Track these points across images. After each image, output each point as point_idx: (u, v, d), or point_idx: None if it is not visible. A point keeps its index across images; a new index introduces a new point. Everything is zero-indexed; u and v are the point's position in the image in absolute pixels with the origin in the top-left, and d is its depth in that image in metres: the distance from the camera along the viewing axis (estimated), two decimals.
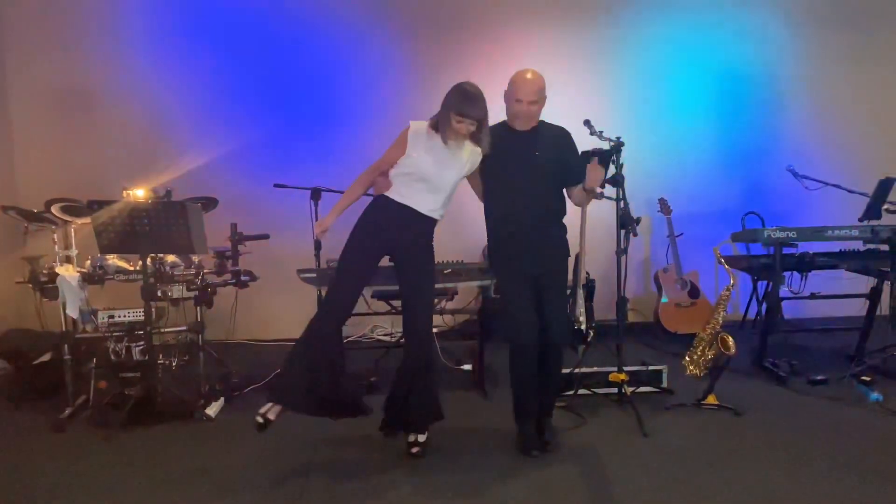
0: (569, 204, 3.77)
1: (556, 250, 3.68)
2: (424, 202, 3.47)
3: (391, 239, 3.48)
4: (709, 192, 6.23)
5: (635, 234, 3.93)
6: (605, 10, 6.10)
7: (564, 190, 3.71)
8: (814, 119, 6.27)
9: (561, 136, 3.67)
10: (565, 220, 3.74)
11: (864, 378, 4.43)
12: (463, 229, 5.26)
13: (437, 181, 3.46)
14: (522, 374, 3.61)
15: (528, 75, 3.54)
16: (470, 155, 3.54)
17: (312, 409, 3.50)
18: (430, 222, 3.54)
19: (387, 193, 3.50)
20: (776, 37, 6.20)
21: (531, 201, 3.56)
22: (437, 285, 3.77)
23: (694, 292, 5.73)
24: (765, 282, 5.52)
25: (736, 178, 6.26)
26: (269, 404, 3.45)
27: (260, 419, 3.41)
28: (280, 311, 5.86)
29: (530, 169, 3.56)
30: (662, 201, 5.83)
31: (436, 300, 4.39)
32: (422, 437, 3.60)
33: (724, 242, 5.43)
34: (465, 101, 3.36)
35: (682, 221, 5.86)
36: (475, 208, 3.82)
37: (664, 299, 5.75)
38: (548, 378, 3.68)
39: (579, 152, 3.68)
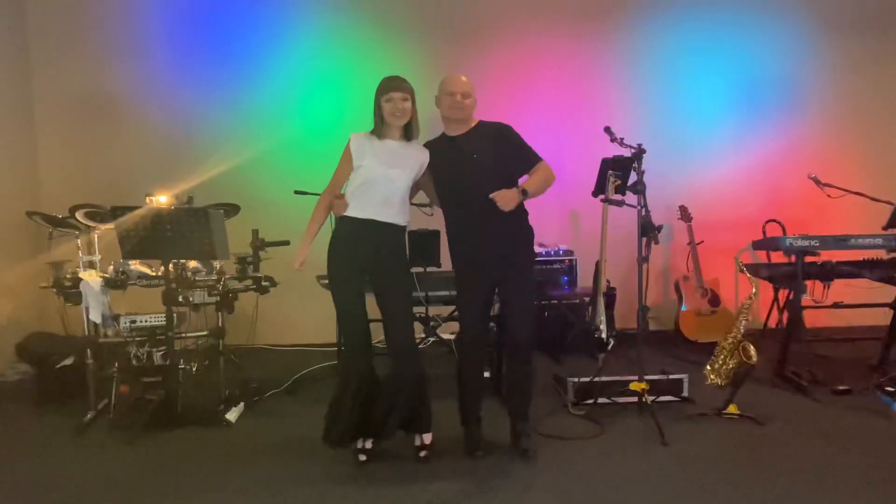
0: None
1: (515, 251, 3.59)
2: (383, 211, 3.47)
3: (363, 256, 3.48)
4: (729, 199, 6.19)
5: (657, 242, 3.93)
6: (626, 18, 6.10)
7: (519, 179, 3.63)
8: (835, 126, 6.23)
9: (498, 130, 3.60)
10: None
11: (887, 388, 4.37)
12: None
13: (389, 184, 3.46)
14: (464, 377, 3.67)
15: (457, 74, 3.56)
16: (417, 155, 3.56)
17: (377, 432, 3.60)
18: (395, 231, 3.54)
19: (346, 214, 3.50)
20: (797, 43, 6.17)
21: (479, 205, 3.44)
22: (453, 292, 3.77)
23: (714, 300, 5.70)
24: (786, 290, 5.47)
25: (757, 186, 6.22)
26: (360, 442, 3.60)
27: (362, 457, 3.57)
28: (300, 316, 5.89)
29: (472, 172, 3.51)
30: (683, 208, 5.80)
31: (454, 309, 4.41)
32: (427, 439, 3.64)
33: (745, 250, 5.40)
34: (385, 81, 3.47)
35: (702, 229, 5.82)
36: None
37: (684, 307, 5.71)
38: (513, 383, 3.69)
39: (522, 141, 3.58)
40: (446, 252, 3.75)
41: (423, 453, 3.60)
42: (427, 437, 3.64)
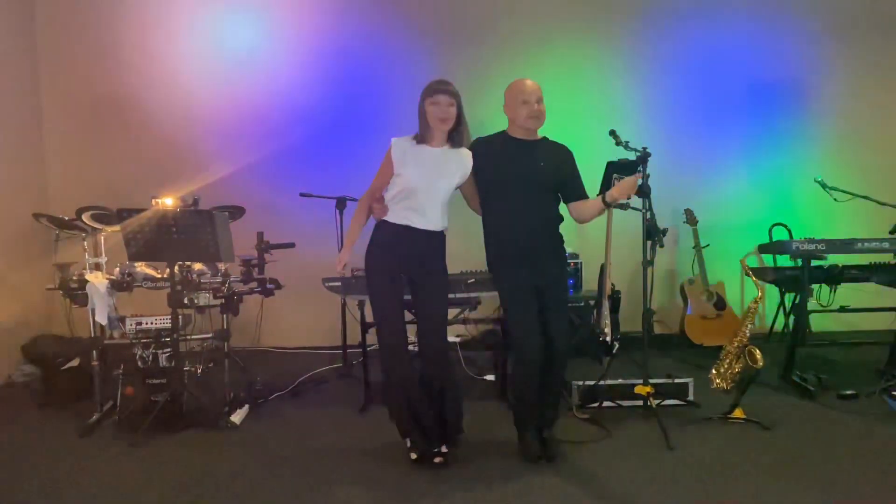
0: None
1: (557, 261, 3.68)
2: (423, 218, 3.46)
3: (401, 260, 3.48)
4: (735, 202, 6.17)
5: (661, 246, 3.92)
6: (631, 22, 6.09)
7: (567, 205, 3.71)
8: (842, 129, 6.20)
9: (564, 152, 3.69)
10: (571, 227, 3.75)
11: (894, 393, 4.36)
12: None
13: (431, 192, 3.44)
14: (524, 389, 3.61)
15: (528, 80, 3.57)
16: (460, 161, 3.53)
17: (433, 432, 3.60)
18: (434, 237, 3.52)
19: (386, 218, 3.49)
20: (804, 46, 6.15)
21: (533, 211, 3.53)
22: (460, 295, 3.76)
23: (720, 304, 5.68)
24: (792, 294, 5.45)
25: (763, 189, 6.19)
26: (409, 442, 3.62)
27: (413, 455, 3.57)
28: (305, 319, 5.90)
29: (533, 179, 3.53)
30: (688, 212, 5.79)
31: (459, 310, 4.41)
32: (445, 447, 3.61)
33: (751, 254, 5.39)
34: (431, 84, 3.43)
35: (708, 232, 5.81)
36: None
37: (690, 311, 5.70)
38: (550, 390, 3.67)
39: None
40: (464, 254, 3.71)
41: (437, 459, 3.57)
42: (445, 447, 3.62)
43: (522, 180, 3.54)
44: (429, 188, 3.44)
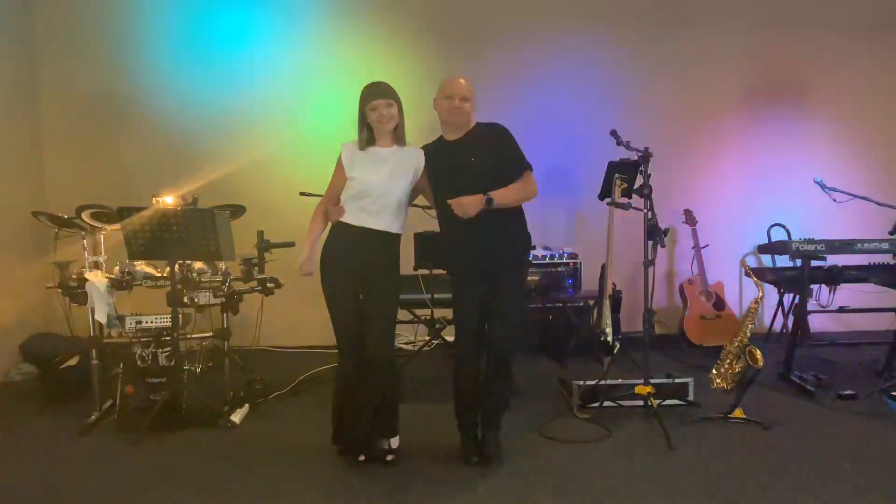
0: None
1: (505, 257, 3.54)
2: (378, 220, 3.45)
3: (352, 261, 3.47)
4: (735, 203, 6.19)
5: (663, 246, 3.92)
6: (632, 22, 6.09)
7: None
8: (842, 130, 6.22)
9: (495, 132, 3.55)
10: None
11: (893, 393, 4.37)
12: None
13: (385, 194, 3.43)
14: (460, 388, 3.63)
15: (456, 76, 3.50)
16: (412, 159, 3.52)
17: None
18: (387, 239, 3.50)
19: (342, 220, 3.48)
20: (803, 47, 6.17)
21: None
22: (448, 295, 3.76)
23: (719, 304, 5.68)
24: (791, 294, 5.46)
25: (762, 190, 6.20)
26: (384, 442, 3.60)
27: (389, 457, 3.56)
28: (305, 318, 5.86)
29: (469, 177, 3.44)
30: (688, 212, 5.79)
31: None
32: (395, 443, 3.62)
33: (750, 254, 5.40)
34: (367, 90, 3.43)
35: (707, 233, 5.81)
36: None
37: (689, 311, 5.70)
38: (489, 393, 3.63)
39: (514, 147, 3.52)
40: None
41: (389, 457, 3.57)
42: (394, 441, 3.61)
43: (459, 182, 3.45)
44: (383, 190, 3.43)
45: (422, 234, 4.81)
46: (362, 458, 3.56)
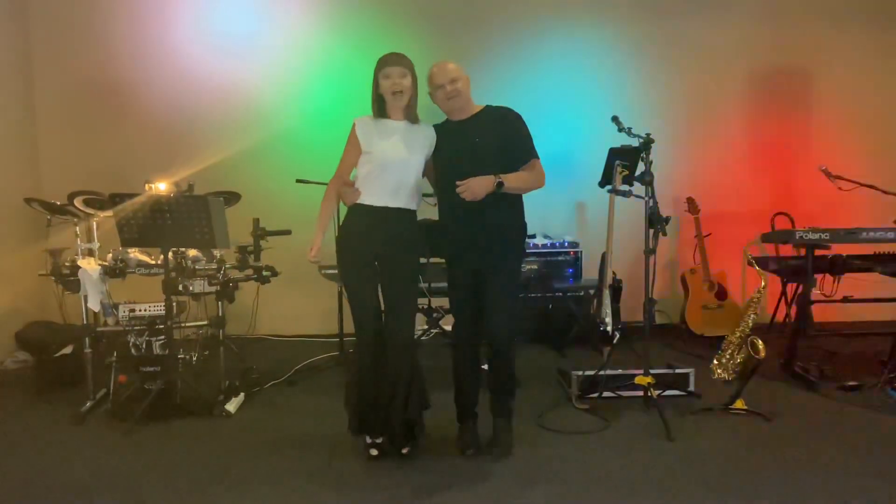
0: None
1: (499, 243, 3.46)
2: (397, 197, 3.37)
3: (374, 244, 3.37)
4: (737, 191, 6.12)
5: (664, 234, 3.87)
6: (634, 7, 6.01)
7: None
8: (846, 117, 6.14)
9: (503, 116, 3.48)
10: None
11: None
12: None
13: (403, 167, 3.36)
14: (458, 371, 3.61)
15: (439, 63, 3.44)
16: (425, 135, 3.46)
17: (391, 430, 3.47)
18: (408, 216, 3.43)
19: (359, 201, 3.39)
20: (807, 33, 6.09)
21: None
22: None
23: (721, 294, 5.62)
24: (795, 284, 5.39)
25: (765, 178, 6.15)
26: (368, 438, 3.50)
27: (374, 451, 3.47)
28: (301, 306, 5.86)
29: (472, 157, 3.38)
30: (690, 200, 5.72)
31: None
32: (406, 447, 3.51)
33: (752, 243, 5.34)
34: (383, 58, 3.37)
35: (709, 221, 5.73)
36: None
37: (690, 301, 5.64)
38: (492, 376, 3.59)
39: (524, 132, 3.46)
40: None
41: (405, 450, 3.49)
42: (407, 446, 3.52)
43: (462, 160, 3.38)
44: (402, 163, 3.37)
45: (420, 221, 4.74)
46: (404, 449, 3.48)
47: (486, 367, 3.66)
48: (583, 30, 6.02)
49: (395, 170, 3.36)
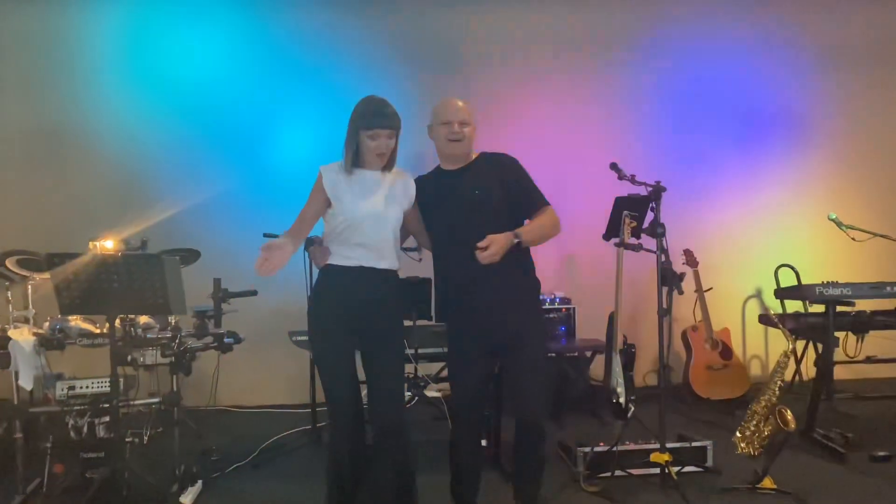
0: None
1: (521, 311, 3.06)
2: (373, 255, 2.97)
3: (353, 311, 2.96)
4: (736, 242, 5.90)
5: (681, 292, 3.54)
6: (630, 54, 5.87)
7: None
8: (849, 163, 6.02)
9: (503, 164, 3.13)
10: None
11: None
12: None
13: (378, 222, 2.96)
14: (457, 465, 3.21)
15: (452, 99, 3.11)
16: (403, 184, 3.07)
17: None
18: (389, 278, 3.04)
19: (330, 262, 3.00)
20: (806, 77, 6.00)
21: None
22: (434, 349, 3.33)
23: (726, 353, 5.24)
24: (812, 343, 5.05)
25: (765, 227, 5.93)
26: None
27: None
28: (269, 374, 5.45)
29: (472, 212, 3.00)
30: (688, 252, 5.38)
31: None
32: None
33: (752, 297, 5.05)
34: (372, 111, 2.95)
35: (708, 274, 5.41)
36: None
37: (694, 361, 5.25)
38: (521, 462, 3.16)
39: (528, 179, 3.13)
40: None
41: None
42: None
43: (460, 217, 3.02)
44: (376, 217, 2.96)
45: (404, 280, 4.32)
46: None
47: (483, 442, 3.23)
48: (579, 78, 5.85)
49: (368, 225, 2.96)
